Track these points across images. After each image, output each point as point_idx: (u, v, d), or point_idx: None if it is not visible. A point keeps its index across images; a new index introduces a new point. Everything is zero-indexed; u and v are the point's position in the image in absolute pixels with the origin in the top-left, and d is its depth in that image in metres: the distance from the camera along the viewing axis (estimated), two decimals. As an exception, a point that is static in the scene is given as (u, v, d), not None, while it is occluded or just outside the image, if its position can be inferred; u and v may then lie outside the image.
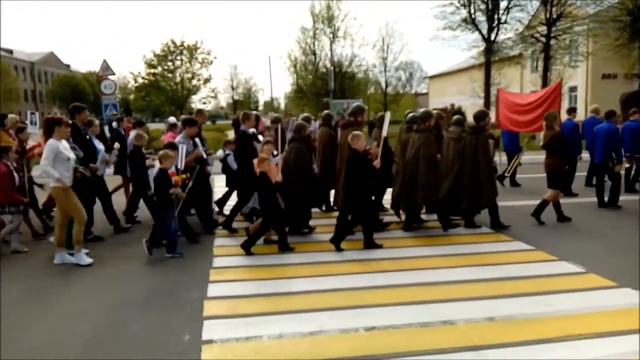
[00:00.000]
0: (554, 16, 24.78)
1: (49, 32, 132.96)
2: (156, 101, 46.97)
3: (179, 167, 7.01)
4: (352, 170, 6.64)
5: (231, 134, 8.86)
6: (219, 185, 10.38)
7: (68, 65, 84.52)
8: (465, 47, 42.63)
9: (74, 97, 70.16)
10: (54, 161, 6.10)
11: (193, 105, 46.99)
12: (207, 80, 47.54)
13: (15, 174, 6.96)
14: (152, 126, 31.04)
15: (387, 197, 8.62)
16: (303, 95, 43.36)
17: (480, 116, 7.94)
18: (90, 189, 7.10)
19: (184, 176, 6.94)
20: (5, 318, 4.72)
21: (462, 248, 6.79)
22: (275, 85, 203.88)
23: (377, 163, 6.72)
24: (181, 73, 46.32)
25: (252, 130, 8.04)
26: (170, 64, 45.89)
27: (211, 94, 50.08)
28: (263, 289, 5.34)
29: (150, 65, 45.44)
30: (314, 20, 41.46)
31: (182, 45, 45.52)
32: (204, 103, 49.46)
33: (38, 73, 76.77)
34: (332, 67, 28.03)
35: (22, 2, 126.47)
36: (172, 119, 11.85)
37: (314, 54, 42.85)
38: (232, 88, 70.54)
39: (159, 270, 6.17)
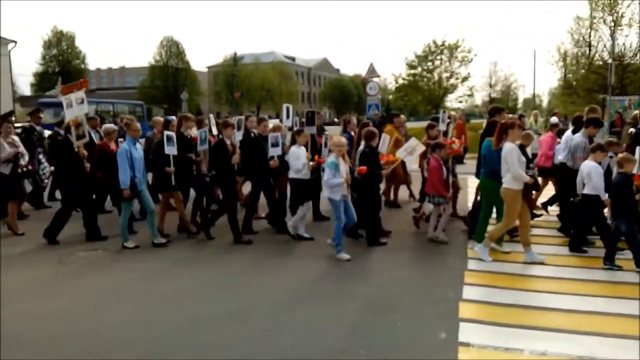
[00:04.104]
0: None
1: (324, 40, 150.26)
2: (413, 100, 48.54)
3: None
4: None
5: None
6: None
7: (338, 70, 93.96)
8: None
9: (341, 98, 78.03)
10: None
11: (448, 104, 47.07)
12: (465, 79, 47.05)
13: (444, 169, 7.43)
14: (408, 125, 32.20)
15: None
16: (572, 92, 39.10)
17: None
18: None
19: None
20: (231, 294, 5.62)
21: None
22: (537, 81, 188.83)
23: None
24: (440, 72, 46.89)
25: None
26: (430, 64, 46.88)
27: (467, 92, 49.33)
28: (521, 300, 5.11)
29: (411, 66, 47.23)
30: (592, 9, 36.93)
31: (442, 45, 45.98)
32: (460, 102, 49.10)
33: (313, 77, 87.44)
34: (612, 60, 24.50)
35: (299, 14, 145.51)
36: (553, 119, 12.42)
37: (589, 45, 38.19)
38: (490, 85, 67.95)
39: (415, 263, 6.49)
